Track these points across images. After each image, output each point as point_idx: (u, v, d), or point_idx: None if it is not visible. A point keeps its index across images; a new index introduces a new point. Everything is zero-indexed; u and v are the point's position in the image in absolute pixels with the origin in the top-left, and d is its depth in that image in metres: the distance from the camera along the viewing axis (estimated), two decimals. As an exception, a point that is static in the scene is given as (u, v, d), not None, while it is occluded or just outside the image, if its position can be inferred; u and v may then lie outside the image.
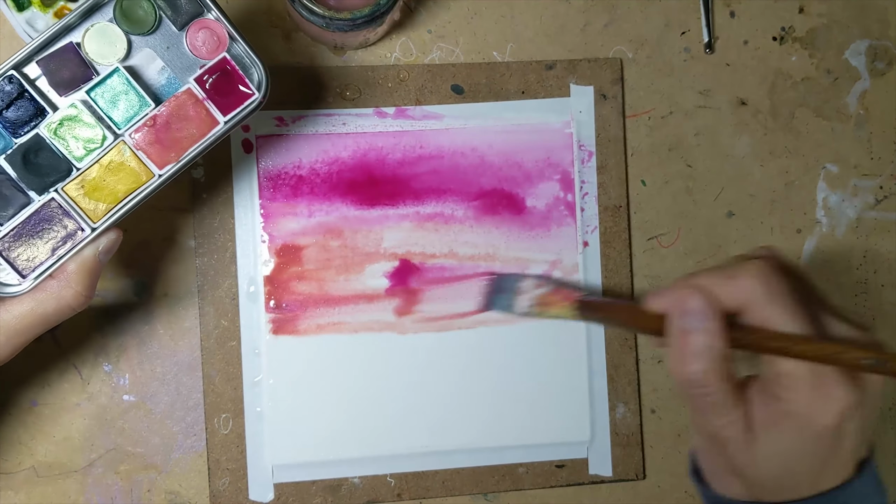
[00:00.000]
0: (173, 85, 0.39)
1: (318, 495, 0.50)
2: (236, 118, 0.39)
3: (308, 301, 0.50)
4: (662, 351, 0.53)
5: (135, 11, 0.38)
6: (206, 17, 0.39)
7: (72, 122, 0.38)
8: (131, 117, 0.38)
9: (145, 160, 0.38)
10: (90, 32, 0.38)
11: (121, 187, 0.38)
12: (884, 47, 0.55)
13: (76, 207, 0.38)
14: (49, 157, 0.38)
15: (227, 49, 0.39)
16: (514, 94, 0.51)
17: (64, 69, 0.38)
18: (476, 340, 0.51)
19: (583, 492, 0.52)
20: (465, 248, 0.51)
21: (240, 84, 0.39)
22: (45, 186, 0.38)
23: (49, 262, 0.38)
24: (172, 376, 0.49)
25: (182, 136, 0.38)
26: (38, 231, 0.38)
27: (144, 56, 0.39)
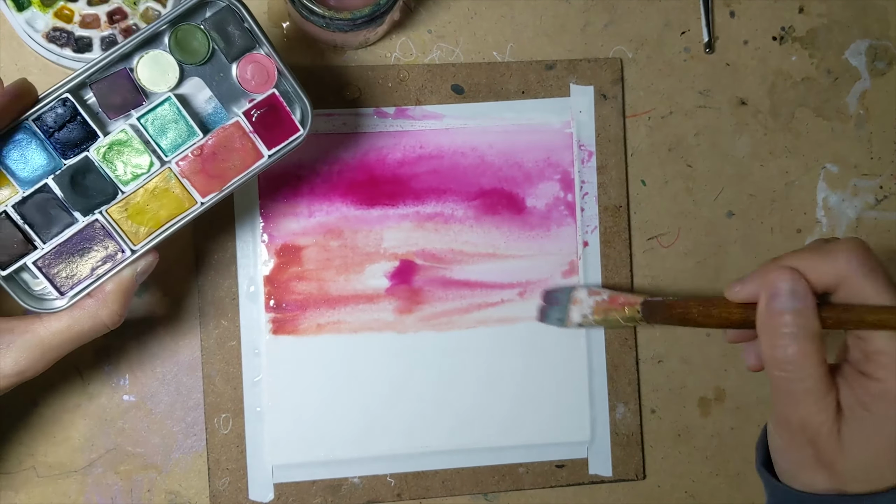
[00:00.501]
0: (220, 114, 0.40)
1: (318, 495, 0.50)
2: (280, 153, 0.39)
3: (308, 301, 0.50)
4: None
5: (189, 42, 0.39)
6: (257, 51, 0.39)
7: (121, 147, 0.39)
8: (179, 145, 0.39)
9: (189, 188, 0.39)
10: (144, 59, 0.39)
11: (163, 213, 0.39)
12: (884, 47, 0.55)
13: (118, 230, 0.39)
14: (96, 179, 0.39)
15: (276, 84, 0.40)
16: (515, 94, 0.51)
17: (116, 94, 0.39)
18: (476, 340, 0.51)
19: (583, 492, 0.52)
20: (466, 248, 0.51)
21: (286, 119, 0.39)
22: (90, 208, 0.39)
23: (88, 280, 0.39)
24: (172, 376, 0.49)
25: (227, 166, 0.39)
26: (80, 250, 0.39)
27: (194, 84, 0.40)
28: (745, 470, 0.54)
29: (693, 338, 0.53)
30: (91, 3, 0.46)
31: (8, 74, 0.48)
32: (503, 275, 0.51)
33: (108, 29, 0.46)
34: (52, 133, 0.38)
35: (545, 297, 0.50)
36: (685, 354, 0.53)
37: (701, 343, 0.53)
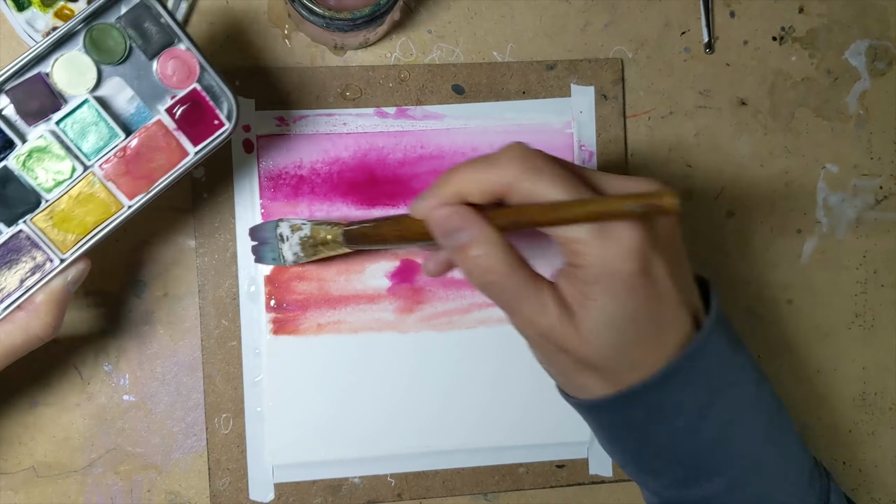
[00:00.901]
0: (143, 114, 0.39)
1: (318, 495, 0.50)
2: (206, 149, 0.39)
3: (309, 301, 0.50)
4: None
5: (105, 41, 0.38)
6: (176, 46, 0.39)
7: (41, 154, 0.38)
8: (101, 148, 0.38)
9: (115, 191, 0.38)
10: (59, 62, 0.38)
11: (90, 218, 0.38)
12: (884, 47, 0.55)
13: (45, 239, 0.38)
14: (18, 189, 0.38)
15: (198, 79, 0.39)
16: (515, 95, 0.51)
17: (32, 100, 0.37)
18: (476, 340, 0.51)
19: (583, 492, 0.52)
20: (466, 248, 0.51)
21: (210, 115, 0.38)
22: (13, 218, 0.38)
23: (17, 293, 0.38)
24: (172, 376, 0.49)
25: (152, 166, 0.38)
26: (7, 262, 0.38)
27: (114, 85, 0.39)
28: (745, 470, 0.54)
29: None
30: (91, 3, 0.46)
31: (8, 74, 0.48)
32: (503, 275, 0.51)
33: (109, 29, 0.46)
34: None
35: (253, 235, 0.48)
36: (685, 354, 0.53)
37: (701, 343, 0.53)
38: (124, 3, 0.38)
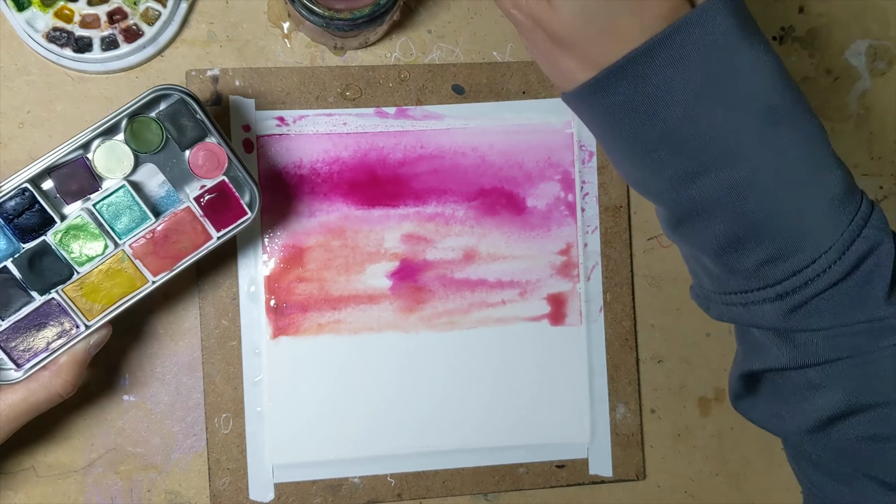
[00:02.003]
0: (172, 197, 0.42)
1: (318, 495, 0.50)
2: (228, 234, 0.42)
3: (309, 301, 0.50)
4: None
5: (144, 133, 0.41)
6: (208, 140, 0.42)
7: (77, 231, 0.41)
8: (132, 229, 0.41)
9: (141, 268, 0.42)
10: (101, 149, 0.41)
11: (116, 291, 0.41)
12: (884, 47, 0.55)
13: (73, 307, 0.41)
14: (53, 261, 0.41)
15: (225, 171, 0.42)
16: (515, 94, 0.51)
17: (73, 181, 0.41)
18: (476, 340, 0.51)
19: (583, 492, 0.52)
20: (466, 249, 0.51)
21: (234, 203, 0.42)
22: (46, 287, 0.41)
23: (44, 354, 0.41)
24: (172, 376, 0.49)
25: (177, 248, 0.42)
26: (37, 326, 0.41)
27: (148, 170, 0.42)
28: (745, 470, 0.54)
29: (693, 338, 0.53)
30: (91, 3, 0.46)
31: (8, 74, 0.48)
32: (504, 275, 0.51)
33: (108, 29, 0.46)
34: (12, 220, 0.40)
35: None
36: (685, 354, 0.53)
37: (701, 343, 0.54)
38: (164, 100, 0.41)
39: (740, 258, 0.35)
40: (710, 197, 0.34)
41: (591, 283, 0.52)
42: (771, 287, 0.35)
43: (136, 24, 0.47)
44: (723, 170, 0.34)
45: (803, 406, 0.37)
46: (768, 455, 0.54)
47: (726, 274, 0.36)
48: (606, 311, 0.52)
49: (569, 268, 0.52)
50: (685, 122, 0.33)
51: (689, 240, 0.37)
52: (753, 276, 0.35)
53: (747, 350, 0.39)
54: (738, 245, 0.35)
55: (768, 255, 0.35)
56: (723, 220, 0.35)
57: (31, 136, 0.48)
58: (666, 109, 0.33)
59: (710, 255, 0.36)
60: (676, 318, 0.53)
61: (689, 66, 0.33)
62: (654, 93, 0.33)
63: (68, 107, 0.48)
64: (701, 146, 0.34)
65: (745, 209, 0.34)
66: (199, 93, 0.49)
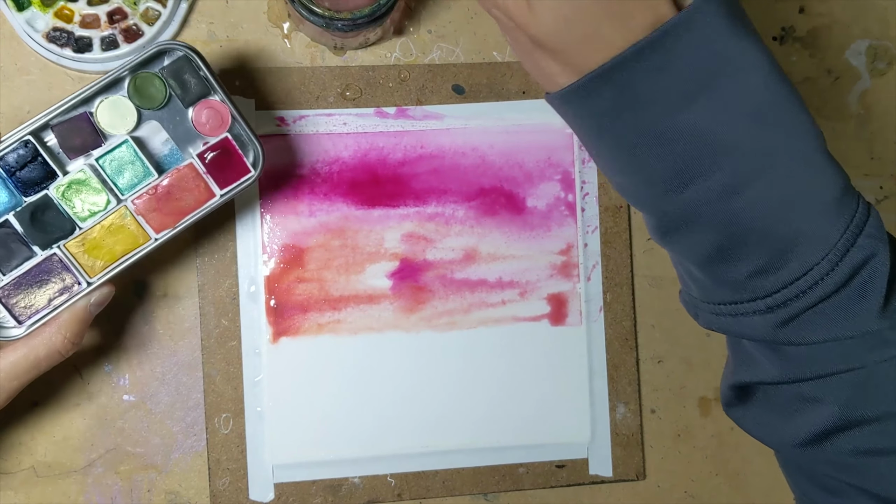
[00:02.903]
0: (175, 156, 0.42)
1: (318, 495, 0.50)
2: (232, 192, 0.42)
3: (309, 301, 0.50)
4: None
5: (147, 88, 0.41)
6: (212, 97, 0.42)
7: (79, 186, 0.41)
8: (135, 185, 0.41)
9: (144, 224, 0.41)
10: (104, 104, 0.41)
11: (119, 247, 0.41)
12: (884, 47, 0.55)
13: (75, 263, 0.41)
14: (55, 216, 0.40)
15: (229, 129, 0.42)
16: (515, 95, 0.51)
17: (76, 136, 0.40)
18: (476, 340, 0.51)
19: (583, 492, 0.52)
20: (466, 248, 0.51)
21: (238, 161, 0.42)
22: (48, 242, 0.41)
23: (45, 310, 0.41)
24: (172, 376, 0.49)
25: (180, 205, 0.42)
26: (38, 282, 0.41)
27: (151, 127, 0.42)
28: (745, 470, 0.54)
29: (693, 338, 0.53)
30: (91, 3, 0.46)
31: (8, 74, 0.48)
32: (504, 275, 0.51)
33: (109, 29, 0.46)
34: (14, 172, 0.40)
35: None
36: (685, 354, 0.53)
37: (701, 343, 0.53)
38: (168, 55, 0.41)
39: (729, 268, 0.34)
40: (697, 204, 0.34)
41: (591, 283, 0.52)
42: (761, 299, 0.34)
43: (136, 24, 0.47)
44: (710, 175, 0.33)
45: (796, 419, 0.36)
46: (768, 455, 0.54)
47: (714, 284, 0.36)
48: (606, 311, 0.52)
49: (569, 268, 0.52)
50: (671, 127, 0.33)
51: (676, 248, 0.36)
52: (742, 288, 0.34)
53: (738, 360, 0.39)
54: (727, 255, 0.34)
55: (758, 265, 0.34)
56: (711, 229, 0.34)
57: (31, 136, 0.48)
58: (651, 114, 0.33)
59: (698, 265, 0.35)
60: (676, 318, 0.53)
61: (676, 71, 0.32)
62: (639, 98, 0.33)
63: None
64: (687, 151, 0.33)
65: (734, 216, 0.33)
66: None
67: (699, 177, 0.33)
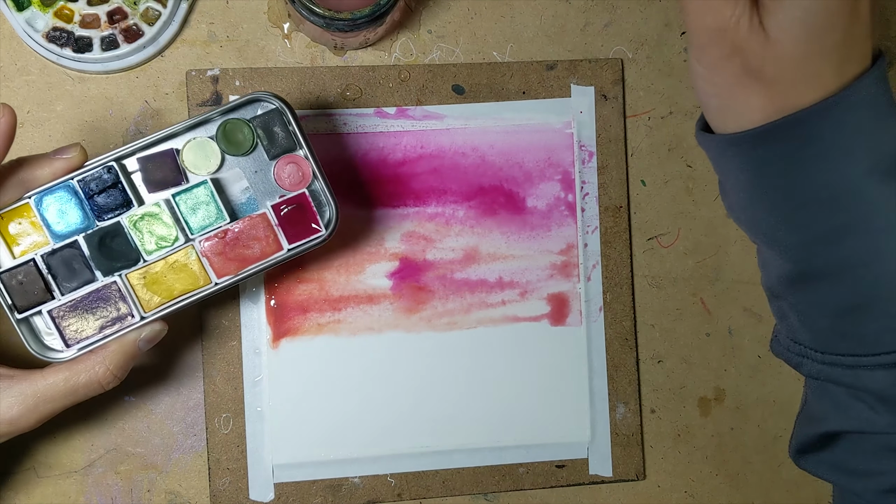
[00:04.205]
0: (251, 204, 0.42)
1: (318, 495, 0.50)
2: (299, 249, 0.42)
3: (309, 301, 0.50)
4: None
5: (235, 135, 0.41)
6: (296, 153, 0.42)
7: (151, 219, 0.41)
8: (206, 226, 0.41)
9: (207, 267, 0.41)
10: (190, 144, 0.41)
11: (178, 286, 0.41)
12: (884, 47, 0.55)
13: (133, 294, 0.41)
14: (123, 244, 0.41)
15: (308, 185, 0.42)
16: (515, 95, 0.51)
17: (159, 170, 0.41)
18: (476, 340, 0.51)
19: (583, 492, 0.52)
20: (466, 248, 0.51)
21: (311, 219, 0.42)
22: (111, 270, 0.41)
23: (95, 337, 0.40)
24: (172, 376, 0.49)
25: (246, 253, 0.41)
26: (93, 308, 0.40)
27: (232, 173, 0.42)
28: (745, 470, 0.54)
29: (693, 338, 0.53)
30: (91, 3, 0.46)
31: (8, 74, 0.48)
32: (504, 275, 0.51)
33: (108, 29, 0.46)
34: (93, 196, 0.40)
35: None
36: (685, 354, 0.53)
37: (701, 343, 0.54)
38: (261, 106, 0.41)
39: (860, 323, 0.34)
40: (847, 260, 0.33)
41: (591, 283, 0.52)
42: (887, 354, 0.34)
43: (136, 24, 0.47)
44: (869, 234, 0.33)
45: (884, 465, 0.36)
46: (768, 455, 0.54)
47: (838, 335, 0.35)
48: (606, 311, 0.52)
49: (569, 268, 0.52)
50: (845, 182, 0.32)
51: (808, 297, 0.36)
52: (870, 342, 0.34)
53: (829, 408, 0.38)
54: (863, 310, 0.34)
55: (892, 324, 0.34)
56: (853, 284, 0.34)
57: (31, 136, 0.48)
58: (832, 166, 0.32)
59: (827, 316, 0.35)
60: (676, 318, 0.53)
61: (855, 124, 0.32)
62: (824, 147, 0.32)
63: (68, 107, 0.48)
64: (854, 208, 0.33)
65: (881, 276, 0.33)
66: (198, 93, 0.49)
67: (863, 232, 0.33)
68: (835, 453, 0.39)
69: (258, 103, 0.41)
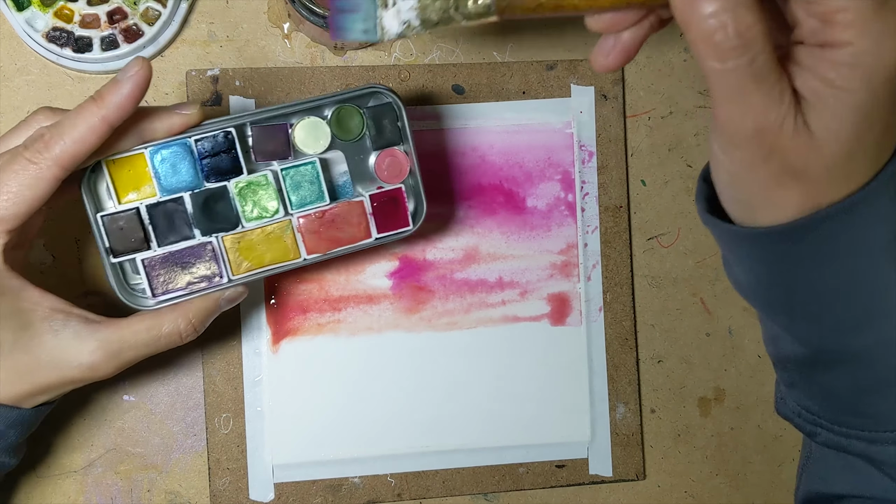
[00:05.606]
0: (347, 189, 0.44)
1: (318, 495, 0.50)
2: (386, 239, 0.44)
3: (309, 301, 0.50)
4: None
5: (347, 121, 0.43)
6: (399, 147, 0.44)
7: (257, 188, 0.42)
8: (306, 203, 0.43)
9: (300, 242, 0.43)
10: (304, 122, 0.43)
11: (269, 255, 0.42)
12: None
13: (226, 257, 0.42)
14: (225, 207, 0.42)
15: (404, 180, 0.44)
16: (515, 95, 0.51)
17: (271, 142, 0.42)
18: (476, 340, 0.51)
19: (583, 492, 0.52)
20: (466, 248, 0.51)
21: (402, 212, 0.44)
22: (210, 230, 0.42)
23: (181, 292, 0.42)
24: (172, 376, 0.49)
25: (338, 235, 0.43)
26: (185, 263, 0.42)
27: (335, 156, 0.44)
28: (745, 470, 0.54)
29: (693, 338, 0.53)
30: (91, 3, 0.46)
31: (8, 74, 0.48)
32: (504, 275, 0.51)
33: (108, 29, 0.46)
34: (206, 157, 0.41)
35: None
36: (685, 354, 0.53)
37: (701, 343, 0.54)
38: (375, 98, 0.43)
39: (878, 403, 0.34)
40: (866, 347, 0.33)
41: (591, 283, 0.52)
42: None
43: (136, 24, 0.47)
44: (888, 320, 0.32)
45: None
46: (768, 455, 0.54)
47: (854, 413, 0.35)
48: (606, 311, 0.52)
49: (569, 268, 0.52)
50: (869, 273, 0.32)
51: (820, 378, 0.35)
52: (884, 420, 0.34)
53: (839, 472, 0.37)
54: (880, 392, 0.33)
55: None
56: (870, 369, 0.33)
57: (31, 136, 0.48)
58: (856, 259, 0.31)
59: (841, 396, 0.35)
60: (676, 318, 0.53)
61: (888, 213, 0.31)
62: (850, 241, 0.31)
63: (68, 107, 0.48)
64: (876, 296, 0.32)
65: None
66: (198, 93, 0.49)
67: (883, 318, 0.32)
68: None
69: (373, 95, 0.43)
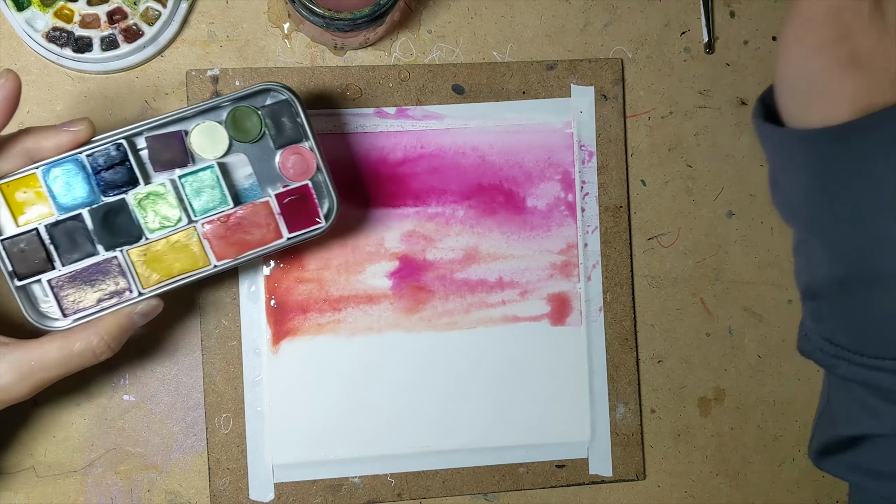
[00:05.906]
0: (254, 191, 0.43)
1: (318, 495, 0.50)
2: (298, 238, 0.42)
3: (309, 301, 0.50)
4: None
5: (244, 122, 0.42)
6: (302, 144, 0.43)
7: (157, 198, 0.41)
8: (209, 209, 0.42)
9: (207, 249, 0.42)
10: (199, 128, 0.42)
11: (177, 265, 0.42)
12: None
13: (133, 271, 0.41)
14: (126, 220, 0.41)
15: (312, 177, 0.43)
16: (515, 95, 0.51)
17: (166, 151, 0.41)
18: (476, 340, 0.51)
19: (583, 492, 0.52)
20: (467, 248, 0.51)
21: (312, 210, 0.43)
22: (113, 245, 0.41)
23: (92, 309, 0.41)
24: (172, 376, 0.49)
25: (246, 238, 0.42)
26: (92, 280, 0.41)
27: (237, 159, 0.43)
28: (745, 470, 0.54)
29: (693, 338, 0.53)
30: (91, 3, 0.46)
31: (8, 74, 0.48)
32: (504, 275, 0.51)
33: (108, 29, 0.46)
34: (100, 171, 0.41)
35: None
36: (685, 354, 0.53)
37: (701, 343, 0.54)
38: (271, 96, 0.42)
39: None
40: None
41: (591, 283, 0.52)
42: None
43: (135, 24, 0.47)
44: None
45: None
46: (768, 455, 0.54)
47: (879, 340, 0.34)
48: (606, 311, 0.52)
49: (569, 268, 0.52)
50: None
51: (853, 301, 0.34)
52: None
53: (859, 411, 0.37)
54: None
55: None
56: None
57: (31, 136, 0.48)
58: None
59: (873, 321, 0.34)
60: (676, 318, 0.53)
61: None
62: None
63: (68, 107, 0.48)
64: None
65: None
66: (198, 92, 0.49)
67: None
68: (862, 456, 0.38)
69: (268, 93, 0.42)
